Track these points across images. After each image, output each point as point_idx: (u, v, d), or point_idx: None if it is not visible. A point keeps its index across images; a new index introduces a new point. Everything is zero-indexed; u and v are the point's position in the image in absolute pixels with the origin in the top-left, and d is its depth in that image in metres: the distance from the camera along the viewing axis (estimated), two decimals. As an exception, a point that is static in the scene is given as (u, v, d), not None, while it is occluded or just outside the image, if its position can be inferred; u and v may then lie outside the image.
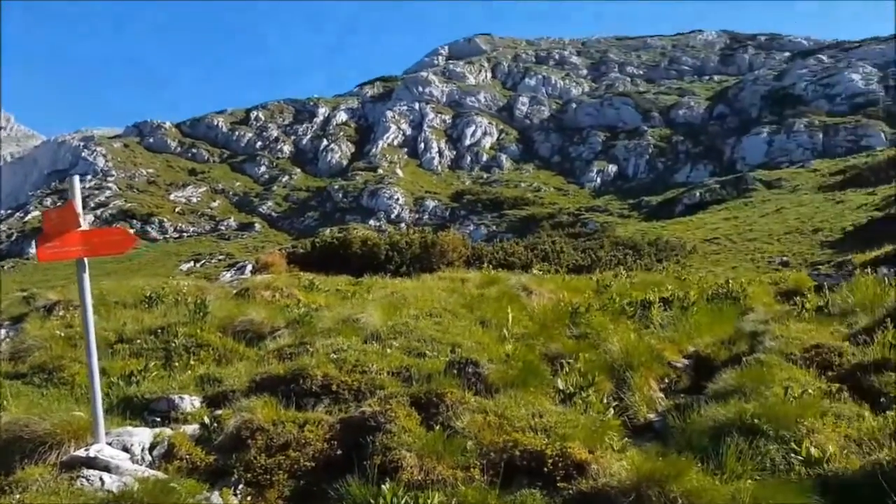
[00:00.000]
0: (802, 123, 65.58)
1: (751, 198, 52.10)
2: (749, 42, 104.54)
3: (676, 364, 8.45)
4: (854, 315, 8.76)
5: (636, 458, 4.74)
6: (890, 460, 4.72)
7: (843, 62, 76.39)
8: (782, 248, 35.43)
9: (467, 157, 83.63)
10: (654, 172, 71.87)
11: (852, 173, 50.51)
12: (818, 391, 6.22)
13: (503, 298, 10.14)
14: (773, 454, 5.19)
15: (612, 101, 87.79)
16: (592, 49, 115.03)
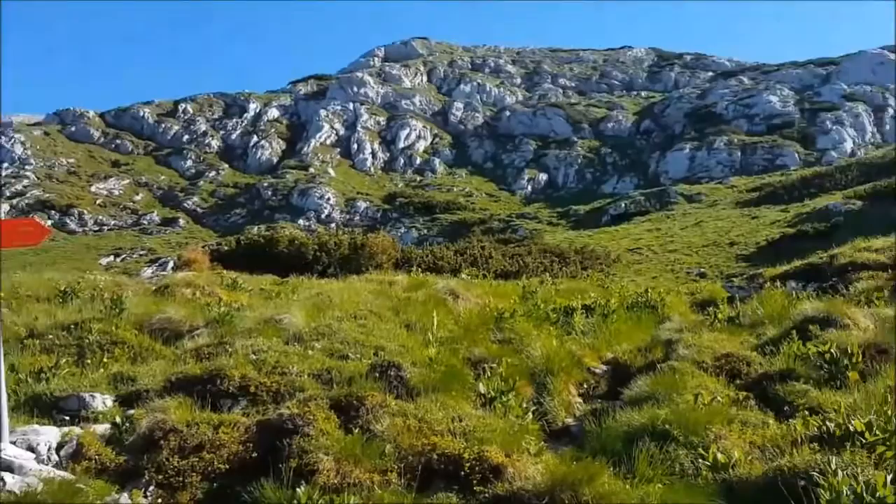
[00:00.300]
0: (723, 141, 68.22)
1: (673, 210, 53.84)
2: (676, 60, 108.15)
3: (595, 370, 8.67)
4: (763, 326, 9.17)
5: (551, 462, 4.84)
6: (790, 467, 4.95)
7: (763, 84, 79.90)
8: (700, 259, 36.76)
9: (401, 160, 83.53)
10: (582, 182, 73.42)
11: (767, 191, 52.84)
12: (727, 399, 6.48)
13: (430, 302, 10.16)
14: (683, 459, 5.37)
15: (544, 111, 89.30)
16: (527, 59, 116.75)
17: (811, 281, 13.38)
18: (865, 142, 65.24)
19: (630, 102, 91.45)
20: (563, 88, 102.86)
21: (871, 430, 5.10)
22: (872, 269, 12.25)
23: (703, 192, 57.45)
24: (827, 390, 6.68)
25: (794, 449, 5.21)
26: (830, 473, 4.59)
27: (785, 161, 62.90)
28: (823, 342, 7.36)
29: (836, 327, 8.22)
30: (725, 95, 79.15)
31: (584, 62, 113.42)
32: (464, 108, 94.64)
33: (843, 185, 47.84)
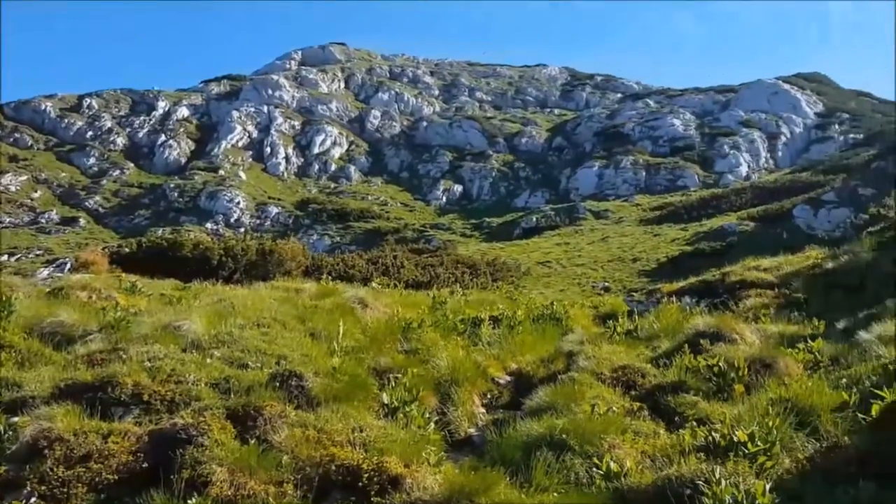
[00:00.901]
0: (629, 161, 70.81)
1: (581, 226, 55.40)
2: (587, 81, 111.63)
3: (500, 380, 8.80)
4: (658, 339, 9.55)
5: (450, 472, 4.87)
6: (678, 476, 5.17)
7: (667, 108, 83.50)
8: (605, 274, 37.97)
9: (315, 166, 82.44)
10: (496, 195, 74.52)
11: (669, 210, 55.17)
12: (622, 409, 6.70)
13: (337, 311, 10.07)
14: (578, 468, 5.51)
15: (461, 123, 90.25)
16: (445, 71, 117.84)
17: (705, 297, 14.04)
18: (759, 166, 69.10)
19: (543, 119, 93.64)
20: (479, 102, 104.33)
21: (753, 441, 5.38)
22: (760, 288, 12.99)
23: (610, 209, 59.38)
24: (714, 402, 7.01)
25: (682, 458, 5.43)
26: (714, 482, 4.81)
27: (686, 182, 65.84)
28: (713, 356, 7.72)
29: (725, 342, 8.65)
30: (633, 117, 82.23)
31: (500, 77, 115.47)
32: (381, 116, 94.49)
33: (737, 207, 50.50)
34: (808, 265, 14.40)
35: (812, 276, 13.55)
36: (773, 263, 14.88)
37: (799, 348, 8.39)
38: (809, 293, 12.49)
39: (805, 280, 13.36)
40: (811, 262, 14.54)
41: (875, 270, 12.54)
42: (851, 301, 11.44)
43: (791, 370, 7.79)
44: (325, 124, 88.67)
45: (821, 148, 69.56)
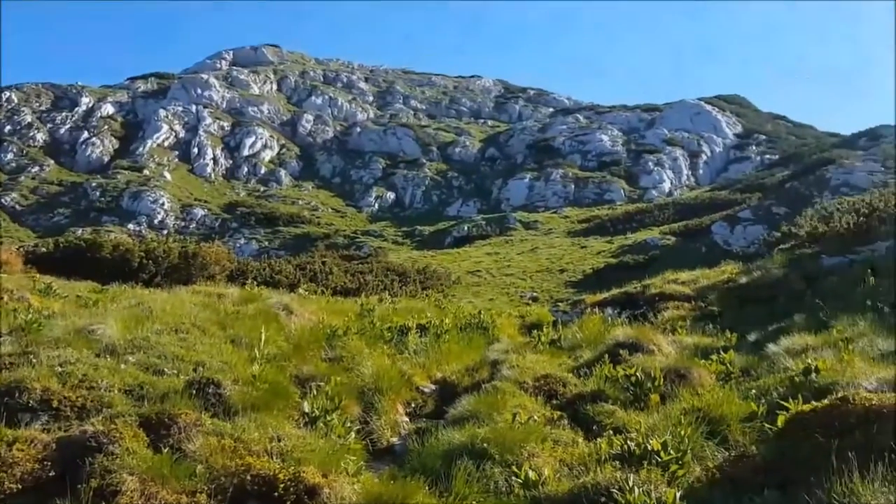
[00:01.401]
0: (559, 174, 72.22)
1: (511, 236, 56.10)
2: (520, 94, 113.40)
3: (425, 389, 8.81)
4: (581, 349, 9.76)
5: (369, 481, 4.84)
6: (594, 484, 5.28)
7: (596, 123, 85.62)
8: (534, 284, 38.53)
9: (244, 168, 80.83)
10: (429, 204, 74.71)
11: (595, 223, 56.50)
12: (543, 418, 6.80)
13: (260, 317, 9.86)
14: (498, 477, 5.56)
15: (395, 130, 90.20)
16: (380, 78, 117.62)
17: (626, 308, 14.43)
18: (681, 183, 71.56)
19: (477, 130, 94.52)
20: (414, 110, 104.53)
21: (666, 450, 5.54)
22: (678, 300, 13.44)
23: (540, 221, 60.33)
24: (631, 411, 7.20)
25: (599, 467, 5.54)
26: (628, 490, 4.93)
27: (612, 196, 67.58)
28: (631, 366, 7.94)
29: (643, 352, 8.91)
30: (563, 131, 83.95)
31: (435, 86, 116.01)
32: (314, 120, 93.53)
33: (660, 222, 52.11)
34: (724, 279, 15.00)
35: (727, 290, 14.11)
36: (691, 277, 15.43)
37: (712, 359, 8.70)
38: (724, 306, 13.00)
39: (720, 294, 13.90)
40: (726, 277, 15.14)
41: (785, 286, 13.16)
42: (763, 315, 11.96)
43: (704, 381, 8.07)
44: (256, 126, 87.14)
45: (739, 167, 72.58)
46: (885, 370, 7.10)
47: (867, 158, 52.24)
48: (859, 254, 13.97)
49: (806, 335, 9.32)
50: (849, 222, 15.24)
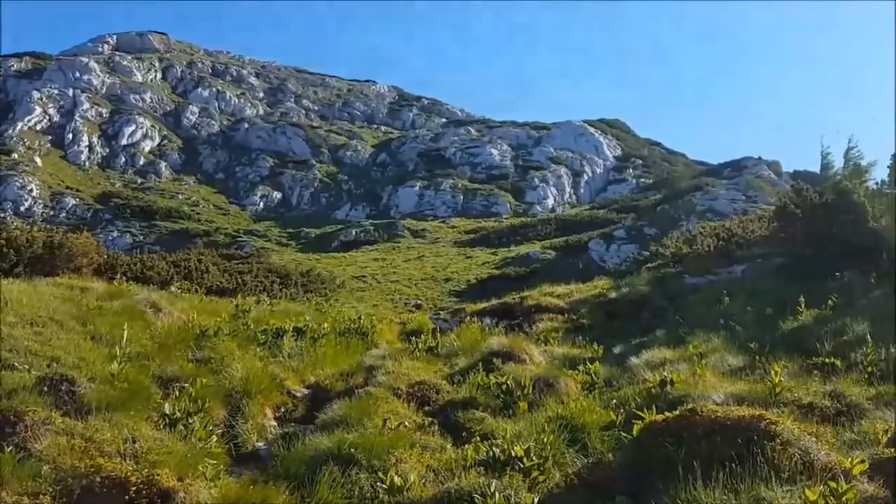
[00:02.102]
0: (448, 184, 73.09)
1: (399, 243, 56.16)
2: (415, 102, 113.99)
3: (296, 393, 8.66)
4: (457, 357, 9.91)
5: (228, 485, 4.70)
6: (458, 489, 5.37)
7: (487, 137, 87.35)
8: (419, 292, 38.73)
9: (122, 158, 76.62)
10: (316, 206, 73.58)
11: (482, 234, 57.55)
12: (414, 424, 6.85)
13: (125, 314, 9.40)
14: (364, 483, 5.54)
15: (285, 129, 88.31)
16: (272, 74, 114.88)
17: (504, 318, 14.79)
18: (564, 200, 74.18)
19: (370, 135, 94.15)
20: (305, 110, 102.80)
21: (528, 456, 5.71)
22: (552, 312, 13.92)
23: (428, 229, 60.77)
24: (501, 418, 7.38)
25: (464, 472, 5.65)
26: (489, 495, 5.06)
27: (499, 209, 69.09)
28: (503, 374, 8.15)
29: (515, 361, 9.16)
30: (455, 142, 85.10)
31: (329, 88, 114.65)
32: (199, 112, 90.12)
33: (543, 237, 53.77)
34: (595, 294, 15.68)
35: (597, 305, 14.75)
36: (566, 291, 16.02)
37: (579, 370, 9.07)
38: (594, 320, 13.58)
39: (591, 308, 14.52)
40: (598, 292, 15.84)
41: (650, 302, 13.91)
42: (629, 329, 12.59)
43: (570, 390, 8.40)
44: (137, 115, 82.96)
45: (617, 188, 76.07)
46: (733, 385, 7.64)
47: (730, 187, 56.14)
48: (718, 275, 14.99)
49: (665, 349, 9.89)
50: (710, 245, 16.33)
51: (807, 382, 7.60)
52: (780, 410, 6.29)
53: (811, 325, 10.11)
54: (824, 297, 11.00)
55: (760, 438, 5.40)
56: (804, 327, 10.15)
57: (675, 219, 47.36)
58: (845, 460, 5.13)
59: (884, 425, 6.16)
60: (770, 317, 11.05)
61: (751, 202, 50.18)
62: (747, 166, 63.16)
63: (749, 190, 54.53)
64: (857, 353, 8.42)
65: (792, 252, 14.61)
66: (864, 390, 7.30)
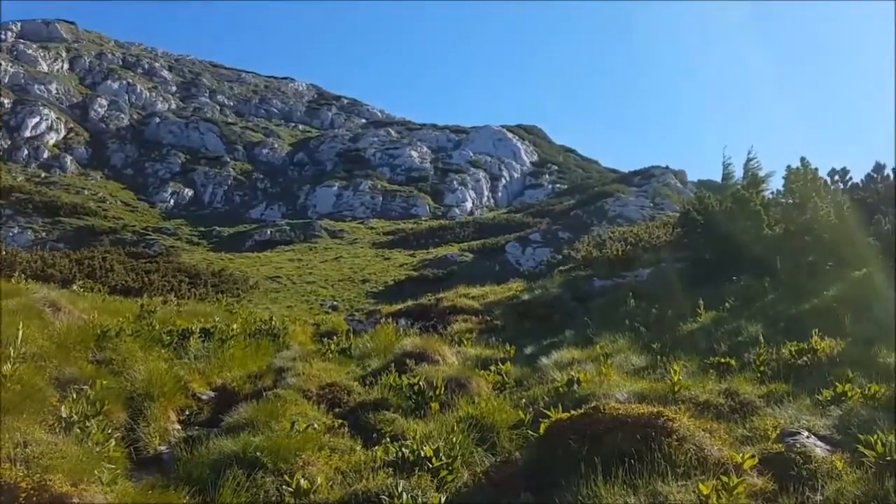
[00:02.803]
0: (368, 185, 72.75)
1: (316, 244, 55.46)
2: (334, 102, 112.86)
3: (202, 396, 8.43)
4: (370, 358, 9.89)
5: (126, 490, 4.55)
6: (365, 491, 5.36)
7: (407, 139, 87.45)
8: (335, 293, 38.35)
9: (25, 151, 72.58)
10: (230, 204, 71.77)
11: (400, 235, 57.58)
12: (323, 426, 6.78)
13: (22, 313, 8.91)
14: (269, 486, 5.46)
15: (198, 125, 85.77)
16: (185, 68, 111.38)
17: (419, 319, 14.84)
18: (482, 204, 75.07)
19: (287, 133, 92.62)
20: (220, 106, 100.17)
21: (437, 456, 5.75)
22: (467, 314, 14.07)
23: (346, 230, 60.28)
24: (412, 419, 7.40)
25: (372, 474, 5.65)
26: (397, 496, 5.08)
27: (418, 211, 69.27)
28: (415, 375, 8.18)
29: (428, 362, 9.21)
30: (375, 143, 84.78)
31: (245, 84, 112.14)
32: (108, 105, 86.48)
33: (461, 239, 54.26)
34: (509, 296, 15.95)
35: (511, 306, 15.01)
36: (481, 292, 16.23)
37: (491, 370, 9.21)
38: (507, 321, 13.82)
39: (505, 309, 14.76)
40: (511, 294, 16.12)
41: (561, 304, 14.27)
42: (540, 329, 12.87)
43: (482, 390, 8.51)
44: (42, 106, 78.80)
45: (533, 193, 77.58)
46: (635, 383, 7.92)
47: (640, 194, 58.23)
48: (625, 278, 15.52)
49: (574, 350, 10.17)
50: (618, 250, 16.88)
51: (704, 381, 7.94)
52: (678, 408, 6.53)
53: (709, 327, 10.60)
54: (722, 300, 11.55)
55: (658, 435, 5.61)
56: (703, 329, 10.63)
57: (588, 223, 48.74)
58: (737, 455, 5.41)
59: (773, 421, 6.51)
60: (672, 318, 11.52)
61: (658, 209, 52.17)
62: (655, 174, 65.61)
63: (657, 197, 56.71)
64: (750, 353, 8.87)
65: (693, 257, 15.28)
66: (756, 388, 7.69)
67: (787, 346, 8.74)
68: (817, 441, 6.05)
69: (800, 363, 8.43)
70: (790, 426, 6.31)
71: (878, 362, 8.13)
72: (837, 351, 8.56)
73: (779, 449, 5.77)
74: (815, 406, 6.95)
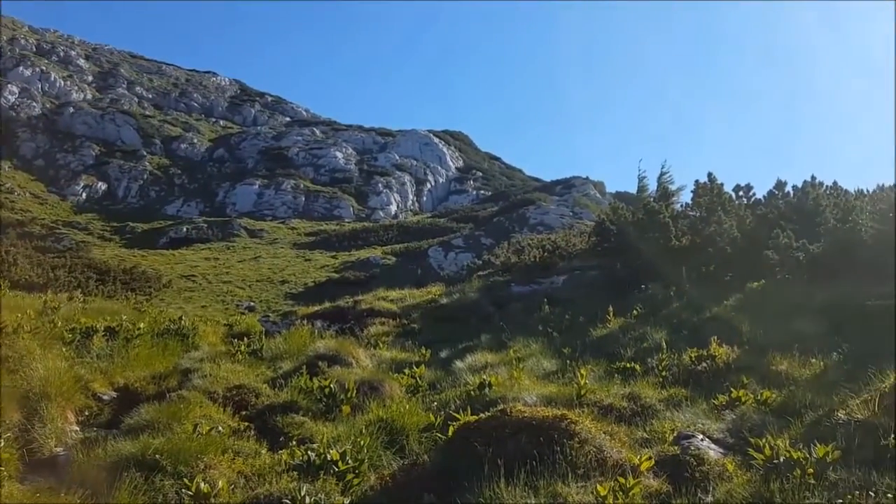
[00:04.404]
0: (290, 184, 71.60)
1: (234, 243, 54.23)
2: (258, 98, 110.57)
3: (104, 396, 8.12)
4: (282, 360, 9.74)
5: (12, 493, 4.35)
6: (267, 494, 5.29)
7: (332, 139, 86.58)
8: (252, 293, 37.59)
9: (-78, 139, 68.19)
10: (145, 199, 69.33)
11: (322, 237, 56.95)
12: (228, 429, 6.64)
13: None
14: (168, 489, 5.33)
15: (114, 116, 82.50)
16: (103, 58, 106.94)
17: (336, 322, 14.73)
18: (407, 207, 75.09)
19: (208, 128, 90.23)
20: (139, 98, 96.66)
21: (344, 460, 5.73)
22: (385, 316, 14.06)
23: (266, 230, 59.18)
24: (322, 422, 7.33)
25: (277, 478, 5.58)
26: (300, 500, 5.04)
27: (341, 213, 68.67)
28: (327, 378, 8.11)
29: (342, 365, 9.15)
30: (298, 142, 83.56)
31: (165, 76, 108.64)
32: (19, 93, 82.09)
33: (384, 242, 54.14)
34: (428, 299, 16.03)
35: (429, 310, 15.09)
36: (400, 295, 16.24)
37: (405, 373, 9.22)
38: (424, 324, 13.87)
39: (423, 312, 14.82)
40: (430, 297, 16.20)
41: (478, 308, 14.45)
42: (457, 333, 12.98)
43: (394, 393, 8.52)
44: (-57, 91, 74.14)
45: (458, 198, 78.17)
46: (545, 387, 8.10)
47: (560, 203, 59.56)
48: (541, 284, 15.85)
49: (488, 353, 10.31)
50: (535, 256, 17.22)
51: (609, 385, 8.19)
52: (583, 411, 6.72)
53: (617, 333, 10.95)
54: (631, 308, 11.95)
55: (561, 437, 5.75)
56: (611, 335, 10.98)
57: (510, 230, 49.48)
58: (635, 457, 5.61)
59: (671, 425, 6.78)
60: (583, 324, 11.85)
61: (577, 218, 53.47)
62: (576, 185, 67.28)
63: (576, 206, 58.15)
64: (654, 359, 9.22)
65: (607, 265, 15.75)
66: (658, 392, 7.99)
67: (689, 353, 9.12)
68: (711, 444, 6.33)
69: (699, 369, 8.81)
70: (686, 429, 6.58)
71: (771, 369, 8.59)
72: (734, 358, 8.99)
73: (675, 451, 5.99)
74: (712, 410, 7.28)
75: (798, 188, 15.66)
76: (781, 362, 8.69)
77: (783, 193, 16.24)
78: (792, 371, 8.40)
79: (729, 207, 14.37)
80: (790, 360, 8.69)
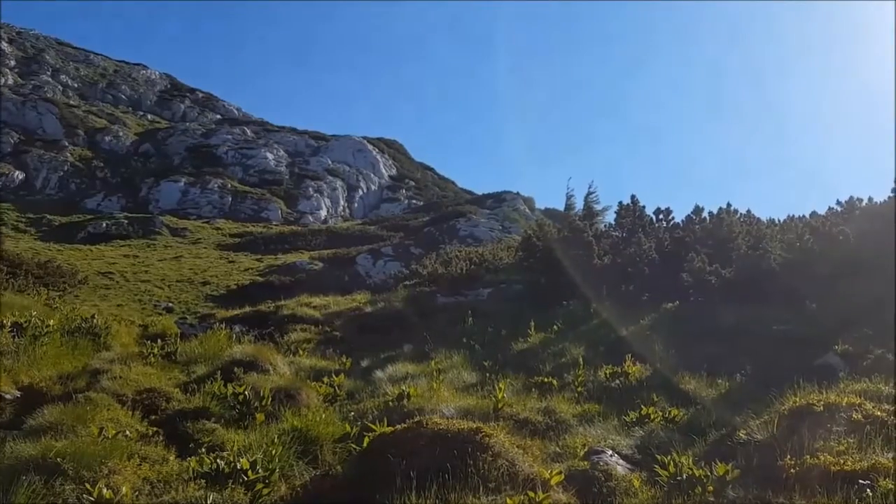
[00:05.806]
0: (217, 184, 69.87)
1: (155, 240, 52.55)
2: (188, 94, 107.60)
3: (6, 395, 7.78)
4: (196, 364, 9.52)
5: None
6: (172, 502, 5.18)
7: (263, 140, 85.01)
8: (172, 294, 36.47)
9: None
10: (65, 192, 66.42)
11: (248, 238, 55.77)
12: (136, 433, 6.45)
13: None
14: (69, 494, 5.14)
15: (36, 104, 78.80)
16: (28, 43, 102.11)
17: (256, 326, 14.46)
18: (337, 213, 74.39)
19: (135, 122, 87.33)
20: (63, 86, 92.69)
21: (254, 469, 5.64)
22: (307, 323, 13.90)
23: (190, 229, 57.59)
24: (234, 430, 7.19)
25: (184, 485, 5.45)
26: (205, 510, 4.94)
27: (269, 215, 67.44)
28: (242, 384, 7.96)
29: (258, 371, 9.00)
30: (228, 141, 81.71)
31: (93, 66, 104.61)
32: (-69, 73, 77.60)
33: (312, 247, 53.43)
34: (353, 307, 15.93)
35: (353, 318, 15.00)
36: (324, 302, 16.08)
37: (324, 382, 9.15)
38: (347, 333, 13.79)
39: (346, 320, 14.72)
40: (355, 305, 16.11)
41: (403, 318, 14.46)
42: (380, 343, 12.96)
43: (312, 402, 8.44)
44: None
45: (390, 207, 77.96)
46: (464, 399, 8.18)
47: (490, 217, 60.19)
48: (466, 296, 15.99)
49: (410, 364, 10.35)
50: (462, 268, 17.36)
51: (526, 399, 8.34)
52: (499, 424, 6.81)
53: (538, 348, 11.16)
54: (552, 323, 12.20)
55: (475, 450, 5.83)
56: (532, 349, 11.18)
57: (440, 240, 49.66)
58: (545, 472, 5.73)
59: (583, 440, 6.97)
60: (505, 337, 12.02)
61: (506, 232, 54.12)
62: (507, 199, 68.09)
63: (506, 221, 58.91)
64: (571, 374, 9.44)
65: (531, 280, 16.04)
66: (573, 407, 8.18)
67: (604, 369, 9.38)
68: (620, 460, 6.53)
69: (613, 385, 9.07)
70: (597, 445, 6.76)
71: (680, 388, 8.92)
72: (646, 375, 9.30)
73: (585, 466, 6.15)
74: (622, 426, 7.51)
75: (714, 214, 16.34)
76: (690, 382, 9.04)
77: (700, 218, 16.92)
78: (699, 390, 8.75)
79: (649, 229, 14.86)
80: (698, 380, 9.05)
